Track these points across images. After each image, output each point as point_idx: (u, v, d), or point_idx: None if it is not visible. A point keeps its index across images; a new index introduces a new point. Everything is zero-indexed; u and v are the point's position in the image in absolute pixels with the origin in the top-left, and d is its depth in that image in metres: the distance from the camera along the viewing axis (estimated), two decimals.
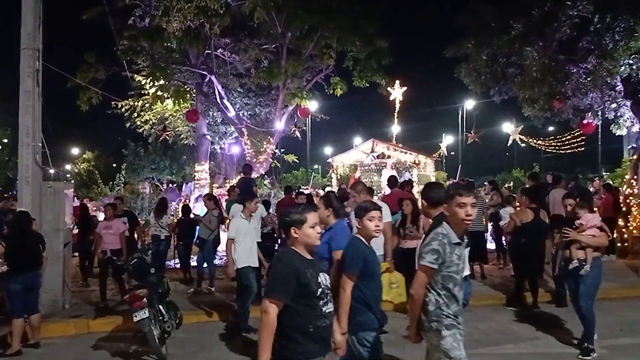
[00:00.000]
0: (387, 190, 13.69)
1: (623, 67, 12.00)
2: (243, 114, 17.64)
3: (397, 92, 17.78)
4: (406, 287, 5.79)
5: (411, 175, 17.45)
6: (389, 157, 18.41)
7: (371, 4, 15.06)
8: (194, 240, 10.12)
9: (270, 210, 10.81)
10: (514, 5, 12.53)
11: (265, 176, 21.47)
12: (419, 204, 8.24)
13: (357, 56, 15.16)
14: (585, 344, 6.20)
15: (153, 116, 20.22)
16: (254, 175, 15.88)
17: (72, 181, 34.26)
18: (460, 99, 33.61)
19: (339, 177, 20.26)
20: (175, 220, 11.29)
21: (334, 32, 14.29)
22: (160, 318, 6.30)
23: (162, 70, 13.85)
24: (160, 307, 6.36)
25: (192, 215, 10.87)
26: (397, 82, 17.57)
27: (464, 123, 34.36)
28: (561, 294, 8.45)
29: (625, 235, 12.32)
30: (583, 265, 6.18)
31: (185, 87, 16.00)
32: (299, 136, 19.56)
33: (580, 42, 11.95)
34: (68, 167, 43.14)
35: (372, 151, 17.97)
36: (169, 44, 13.47)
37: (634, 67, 11.96)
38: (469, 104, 31.91)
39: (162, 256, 10.00)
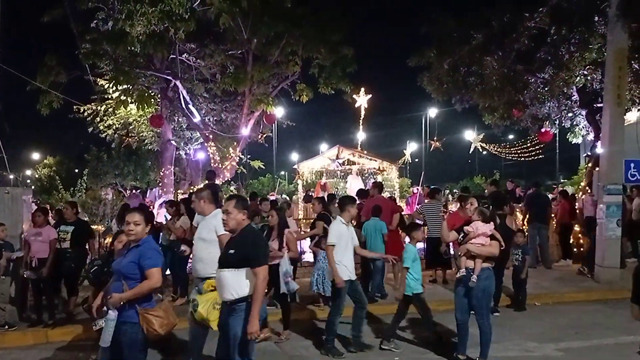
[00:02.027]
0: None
1: (578, 78, 12.46)
2: (209, 119, 17.54)
3: (362, 100, 17.96)
4: None
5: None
6: (354, 163, 18.55)
7: (336, 12, 15.24)
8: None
9: None
10: (474, 16, 12.83)
11: (232, 182, 21.37)
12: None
13: (322, 63, 15.34)
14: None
15: (116, 121, 19.90)
16: (219, 181, 15.82)
17: (32, 187, 33.39)
18: (423, 107, 34.34)
19: (305, 183, 20.32)
20: None
21: (300, 39, 14.42)
22: None
23: (126, 75, 13.68)
24: None
25: (155, 222, 10.74)
26: (362, 89, 17.76)
27: (427, 130, 35.03)
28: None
29: (581, 241, 12.72)
30: (471, 274, 5.89)
31: (150, 91, 15.84)
32: (265, 142, 19.56)
33: (538, 53, 12.29)
34: (28, 172, 41.92)
35: (338, 158, 18.06)
36: (132, 48, 13.32)
37: (589, 77, 12.44)
38: (432, 111, 32.54)
39: None
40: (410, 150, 27.68)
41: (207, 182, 11.01)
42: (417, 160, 35.44)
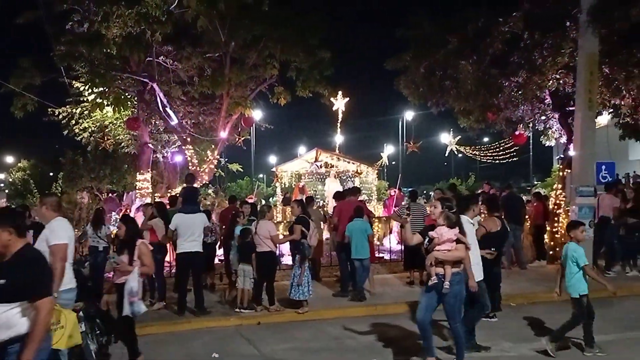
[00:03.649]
0: (331, 199, 13.95)
1: (551, 82, 12.68)
2: (186, 122, 17.41)
3: (339, 103, 18.08)
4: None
5: (354, 184, 17.74)
6: (332, 166, 18.63)
7: (314, 16, 15.31)
8: None
9: (213, 220, 10.73)
10: (450, 21, 13.04)
11: (210, 185, 21.26)
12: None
13: (300, 67, 15.38)
14: None
15: (92, 124, 19.63)
16: (197, 184, 15.74)
17: (6, 191, 32.74)
18: (400, 110, 34.66)
19: (283, 186, 20.34)
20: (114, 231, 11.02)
21: (278, 42, 14.42)
22: (98, 332, 6.16)
23: (102, 77, 13.52)
24: (98, 320, 6.22)
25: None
26: (340, 92, 17.87)
27: (404, 133, 35.35)
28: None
29: (555, 242, 12.95)
30: (443, 281, 5.81)
31: (126, 94, 15.67)
32: (243, 145, 19.51)
33: (512, 57, 12.51)
34: (2, 176, 41.07)
35: (316, 160, 18.14)
36: (108, 50, 13.18)
37: (561, 81, 12.67)
38: (409, 115, 32.82)
39: (101, 268, 9.74)
40: (388, 153, 27.91)
41: (186, 185, 10.96)
42: (394, 162, 35.75)
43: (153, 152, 19.05)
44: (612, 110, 13.58)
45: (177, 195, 11.99)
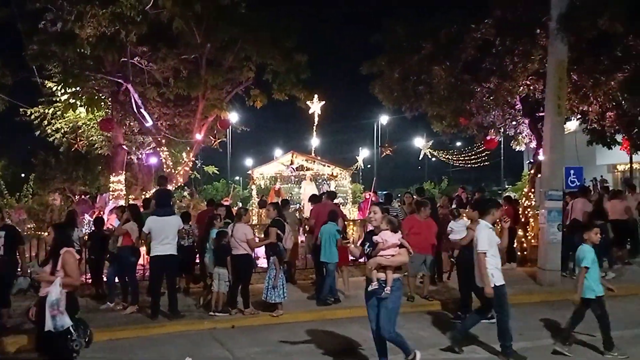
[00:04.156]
0: (307, 202, 14.00)
1: (521, 88, 12.93)
2: (161, 123, 17.28)
3: (315, 106, 18.17)
4: None
5: (329, 187, 17.84)
6: (308, 169, 18.70)
7: (291, 19, 15.38)
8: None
9: (191, 223, 10.70)
10: (423, 27, 13.20)
11: (185, 187, 21.12)
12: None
13: (276, 70, 15.43)
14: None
15: (65, 124, 19.33)
16: (172, 186, 15.64)
17: None
18: (376, 114, 34.95)
19: (259, 189, 20.32)
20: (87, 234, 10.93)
21: (254, 45, 14.44)
22: (68, 336, 6.09)
23: (75, 77, 13.40)
24: None
25: (105, 228, 10.58)
26: (316, 96, 17.96)
27: (379, 137, 35.62)
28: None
29: (525, 245, 13.24)
30: (384, 287, 5.76)
31: (100, 95, 15.50)
32: (219, 148, 19.45)
33: (483, 63, 12.68)
34: None
35: (292, 163, 18.20)
36: (82, 50, 13.03)
37: (531, 87, 12.92)
38: (384, 119, 33.15)
39: None
40: (363, 156, 28.08)
41: (158, 187, 10.90)
42: (369, 166, 35.96)
43: (127, 153, 18.84)
44: (580, 116, 13.91)
45: (150, 197, 11.91)
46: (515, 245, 13.01)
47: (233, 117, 18.80)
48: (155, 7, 13.00)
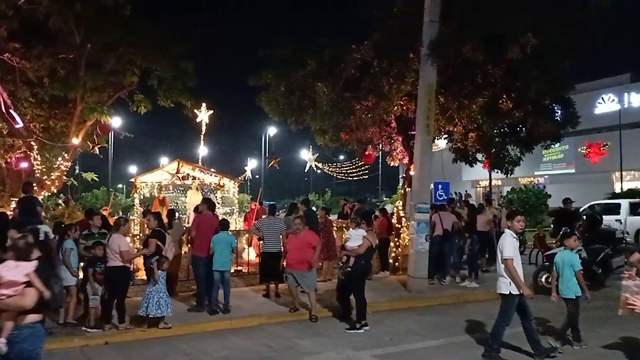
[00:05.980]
0: (192, 212, 13.82)
1: (396, 107, 13.84)
2: (34, 126, 16.22)
3: (203, 115, 18.04)
4: None
5: (216, 197, 17.77)
6: (194, 178, 18.48)
7: (178, 28, 15.27)
8: None
9: None
10: (309, 44, 13.73)
11: (61, 195, 19.90)
12: None
13: (162, 75, 15.13)
14: None
15: None
16: (44, 193, 14.74)
17: None
18: (264, 125, 35.36)
19: (142, 197, 19.70)
20: None
21: (138, 49, 14.11)
22: None
23: None
24: None
25: None
26: (204, 105, 17.85)
27: (267, 148, 36.05)
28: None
29: (397, 254, 14.04)
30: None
31: None
32: (100, 154, 18.61)
33: (363, 82, 13.40)
34: None
35: (178, 172, 17.85)
36: None
37: (404, 107, 13.89)
38: (272, 130, 33.61)
39: None
40: (251, 167, 28.20)
41: (23, 195, 10.21)
42: (257, 176, 36.20)
43: None
44: (446, 135, 15.13)
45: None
46: (389, 254, 13.75)
47: (115, 122, 18.15)
48: (31, 3, 12.32)
